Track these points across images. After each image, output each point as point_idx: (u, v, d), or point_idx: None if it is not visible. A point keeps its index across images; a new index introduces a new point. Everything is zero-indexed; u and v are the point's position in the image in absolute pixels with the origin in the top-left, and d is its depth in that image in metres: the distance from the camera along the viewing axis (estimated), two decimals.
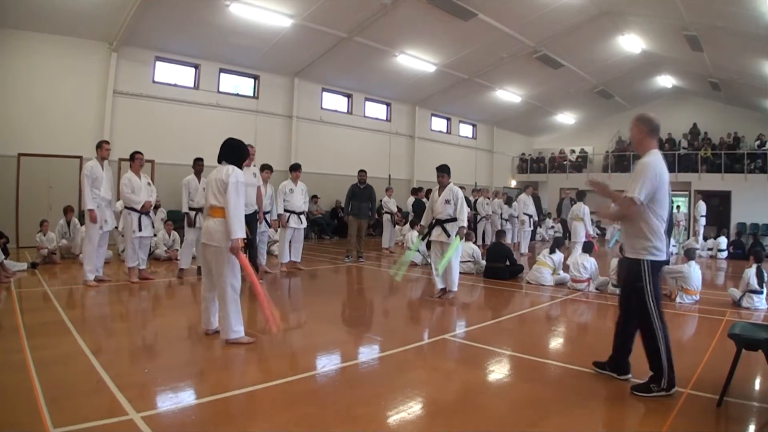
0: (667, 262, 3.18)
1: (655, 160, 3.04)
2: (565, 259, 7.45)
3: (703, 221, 12.58)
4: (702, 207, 12.56)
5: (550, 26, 11.83)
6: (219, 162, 3.96)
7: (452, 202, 5.83)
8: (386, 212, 11.54)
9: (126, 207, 6.32)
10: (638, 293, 3.05)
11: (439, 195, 5.94)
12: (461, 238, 5.86)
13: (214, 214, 3.85)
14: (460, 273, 7.83)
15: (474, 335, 4.48)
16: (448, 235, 5.76)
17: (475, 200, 12.25)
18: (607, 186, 3.39)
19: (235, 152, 3.96)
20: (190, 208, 6.93)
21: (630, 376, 3.24)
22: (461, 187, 6.17)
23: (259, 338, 4.00)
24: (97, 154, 6.10)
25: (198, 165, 7.06)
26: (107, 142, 6.24)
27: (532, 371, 3.53)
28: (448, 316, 5.34)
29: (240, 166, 3.96)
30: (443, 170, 6.05)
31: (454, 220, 5.80)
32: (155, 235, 8.58)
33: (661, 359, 2.98)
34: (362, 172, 9.22)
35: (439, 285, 5.94)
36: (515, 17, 11.37)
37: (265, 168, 7.33)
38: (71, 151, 9.53)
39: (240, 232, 3.75)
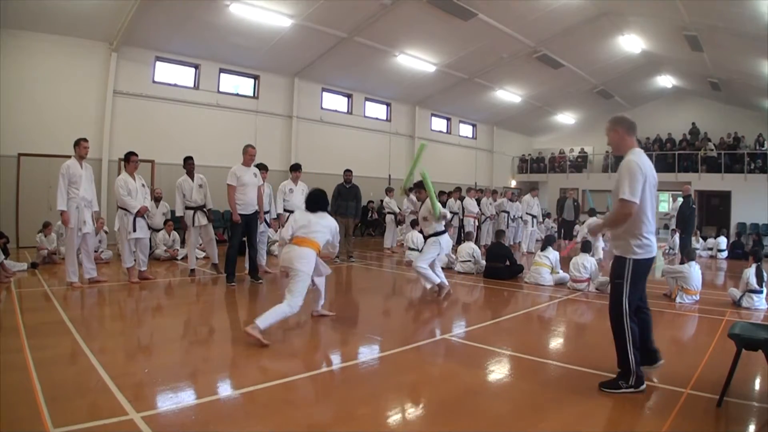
0: (651, 261, 3.15)
1: (637, 158, 3.00)
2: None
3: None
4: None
5: (550, 26, 11.83)
6: (309, 210, 4.40)
7: (429, 219, 5.88)
8: (389, 212, 11.54)
9: (120, 208, 6.24)
10: (617, 289, 3.07)
11: (420, 209, 6.05)
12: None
13: (301, 244, 4.18)
14: (461, 273, 7.92)
15: (474, 335, 4.48)
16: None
17: (479, 199, 12.26)
18: (598, 224, 3.42)
19: (320, 205, 4.43)
20: (187, 207, 6.90)
21: (662, 361, 3.27)
22: (458, 188, 6.24)
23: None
24: (75, 153, 5.93)
25: (189, 164, 6.99)
26: (86, 140, 6.03)
27: (532, 371, 3.53)
28: (448, 316, 5.34)
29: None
30: (421, 187, 6.00)
31: (440, 232, 5.89)
32: (158, 231, 8.60)
33: (629, 357, 3.00)
34: (348, 171, 9.30)
35: (435, 281, 5.94)
36: (515, 17, 11.37)
37: (261, 168, 7.33)
38: (71, 152, 9.39)
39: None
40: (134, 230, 6.20)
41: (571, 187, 19.04)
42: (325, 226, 4.32)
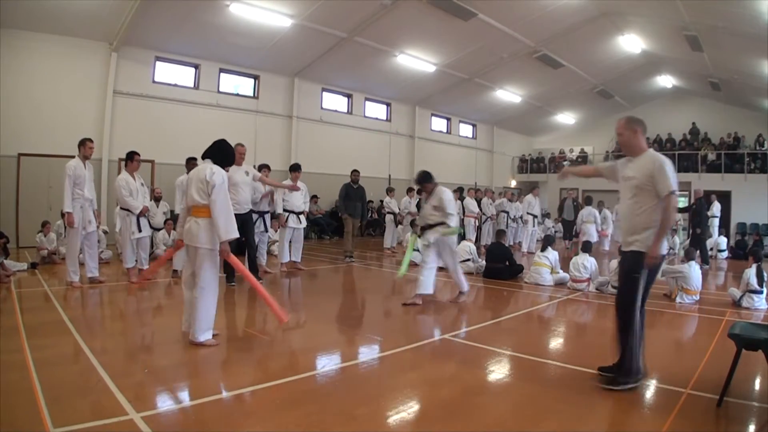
0: (663, 257, 3.15)
1: (664, 156, 3.12)
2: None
3: (716, 222, 12.43)
4: (716, 207, 12.53)
5: (550, 26, 11.84)
6: (203, 158, 3.93)
7: (440, 207, 5.57)
8: (389, 212, 11.56)
9: (122, 208, 6.24)
10: (632, 283, 3.05)
11: (427, 201, 5.75)
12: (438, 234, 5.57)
13: (197, 214, 3.76)
14: None
15: (474, 335, 4.48)
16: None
17: (479, 199, 12.25)
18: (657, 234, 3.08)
19: (223, 154, 3.98)
20: None
21: (642, 377, 3.14)
22: (460, 188, 6.10)
23: (259, 338, 4.00)
24: (79, 153, 5.92)
25: (191, 164, 6.99)
26: (91, 140, 6.06)
27: (532, 371, 3.53)
28: (448, 316, 5.34)
29: (224, 168, 3.93)
30: (425, 180, 5.68)
31: (443, 223, 5.56)
32: (158, 229, 8.60)
33: (633, 353, 3.02)
34: (355, 172, 9.30)
35: (421, 290, 5.50)
36: (515, 17, 11.37)
37: (263, 168, 7.34)
38: (71, 151, 9.36)
39: (232, 233, 3.72)
40: (139, 230, 6.24)
41: (571, 187, 19.03)
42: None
